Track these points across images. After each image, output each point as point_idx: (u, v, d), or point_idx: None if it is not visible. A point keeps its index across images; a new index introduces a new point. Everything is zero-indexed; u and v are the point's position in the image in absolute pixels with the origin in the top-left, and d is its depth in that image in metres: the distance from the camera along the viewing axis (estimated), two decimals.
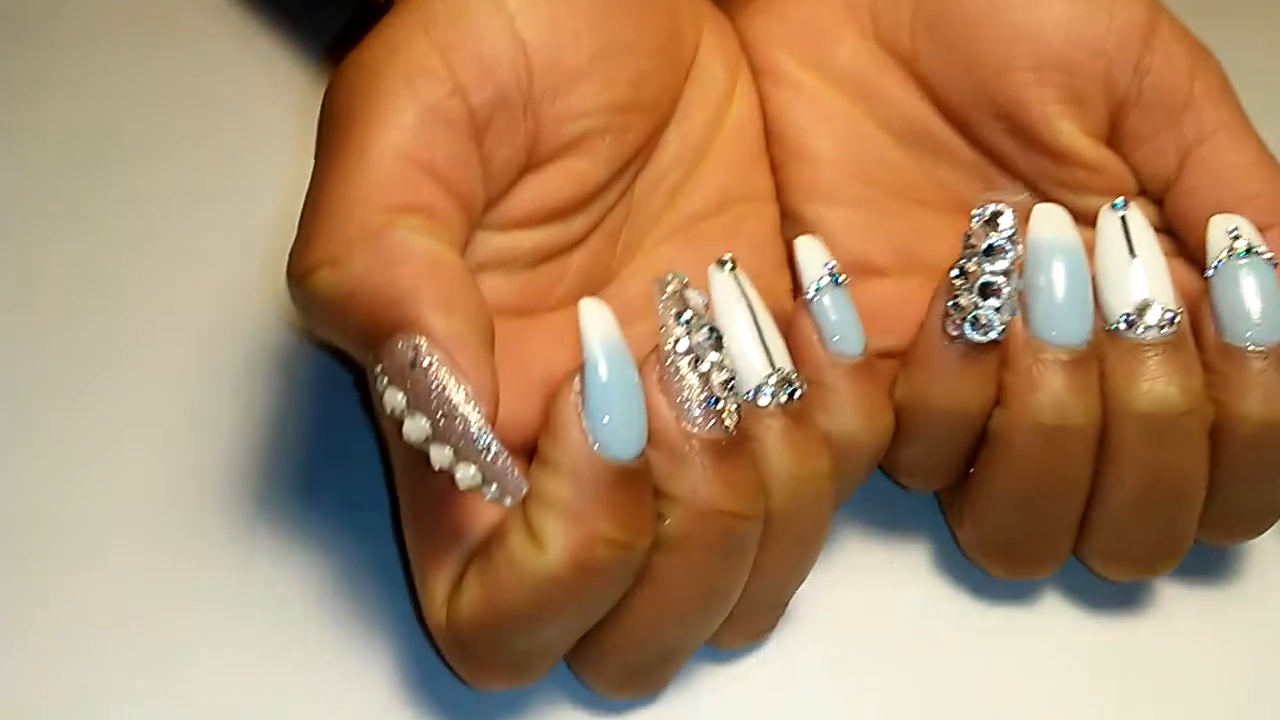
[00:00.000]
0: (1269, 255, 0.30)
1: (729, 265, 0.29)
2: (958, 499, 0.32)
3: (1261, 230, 0.30)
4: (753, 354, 0.28)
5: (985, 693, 0.31)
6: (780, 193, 0.34)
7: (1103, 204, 0.32)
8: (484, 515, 0.27)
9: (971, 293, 0.29)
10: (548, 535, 0.26)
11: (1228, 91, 0.32)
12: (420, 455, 0.28)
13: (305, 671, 0.30)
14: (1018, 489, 0.31)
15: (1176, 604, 0.33)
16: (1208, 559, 0.34)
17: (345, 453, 0.34)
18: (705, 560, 0.27)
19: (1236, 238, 0.30)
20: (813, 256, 0.30)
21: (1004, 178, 0.34)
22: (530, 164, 0.29)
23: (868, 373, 0.30)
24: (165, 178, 0.39)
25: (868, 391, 0.30)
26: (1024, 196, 0.33)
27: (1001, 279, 0.29)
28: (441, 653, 0.29)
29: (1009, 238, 0.29)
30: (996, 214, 0.29)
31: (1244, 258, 0.30)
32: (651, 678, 0.29)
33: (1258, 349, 0.30)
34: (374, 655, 0.31)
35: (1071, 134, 0.32)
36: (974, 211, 0.30)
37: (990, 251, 0.29)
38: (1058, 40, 0.31)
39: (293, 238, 0.27)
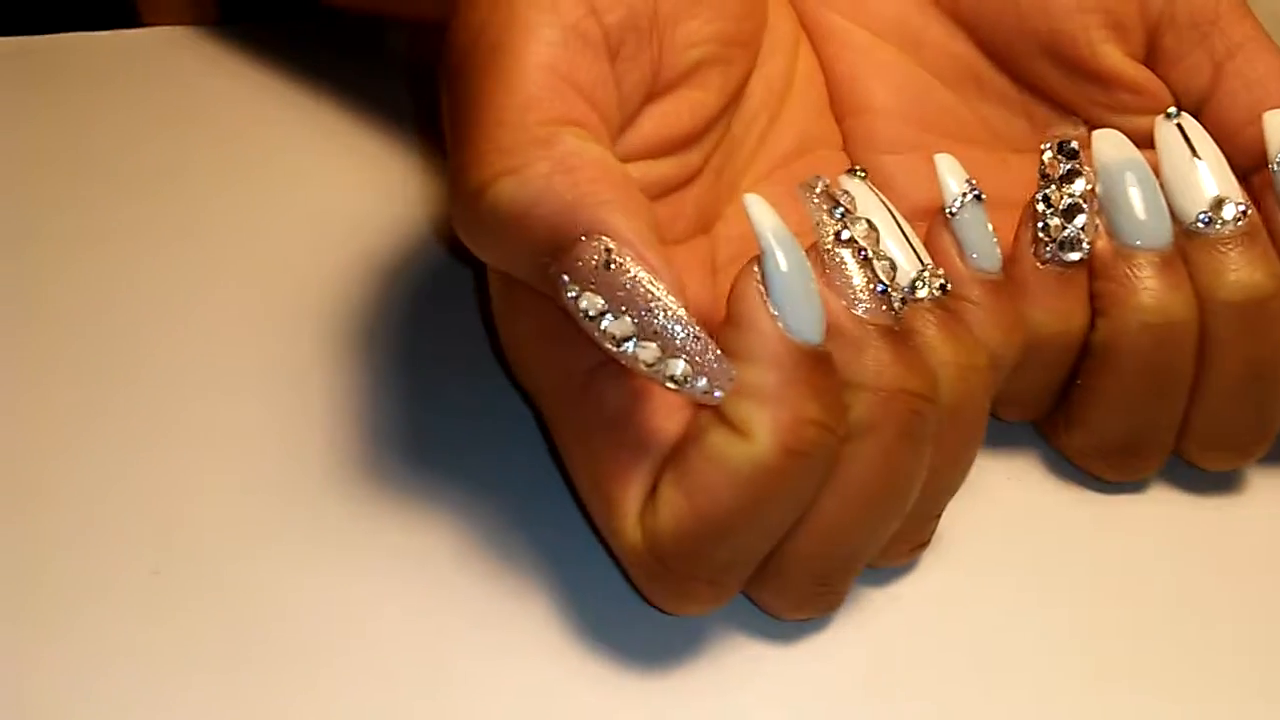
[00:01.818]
0: None
1: (860, 173, 0.30)
2: (1060, 414, 0.33)
3: None
4: (901, 251, 0.29)
5: (1122, 584, 0.32)
6: (845, 144, 0.35)
7: (1146, 123, 0.34)
8: (667, 426, 0.27)
9: (1057, 216, 0.31)
10: (754, 424, 0.25)
11: (1247, 6, 0.34)
12: (591, 374, 0.27)
13: (455, 634, 0.29)
14: (1129, 391, 0.32)
15: (1267, 485, 0.34)
16: None
17: (473, 397, 0.33)
18: (895, 444, 0.27)
19: None
20: (952, 173, 0.31)
21: (1048, 111, 0.35)
22: (654, 91, 0.29)
23: (1003, 289, 0.31)
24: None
25: (1005, 306, 0.30)
26: (1082, 129, 0.35)
27: (1082, 200, 0.31)
28: (635, 578, 0.28)
29: (1080, 162, 0.31)
30: (1064, 143, 0.31)
31: None
32: (833, 588, 0.29)
33: None
34: (528, 608, 0.29)
35: (1115, 57, 0.34)
36: (1043, 145, 0.32)
37: (1068, 176, 0.31)
38: None
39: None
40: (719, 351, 0.25)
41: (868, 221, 0.28)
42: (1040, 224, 0.31)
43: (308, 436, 0.32)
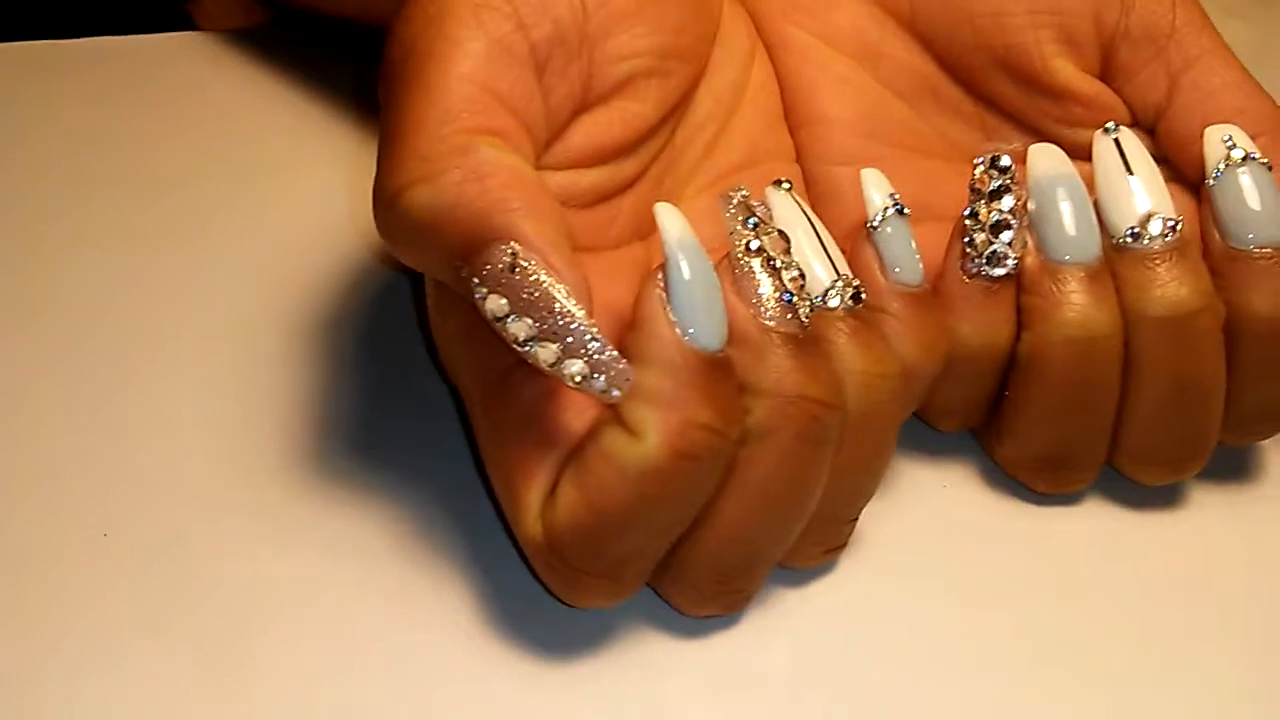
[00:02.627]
0: (1264, 159, 0.32)
1: (785, 185, 0.31)
2: (992, 425, 0.34)
3: (1251, 139, 0.33)
4: (817, 261, 0.30)
5: (1051, 594, 0.32)
6: (798, 156, 0.36)
7: None
8: (573, 424, 0.28)
9: (985, 231, 0.31)
10: (645, 425, 0.26)
11: (1206, 20, 0.35)
12: (506, 372, 0.28)
13: (382, 615, 0.30)
14: (1054, 404, 0.32)
15: (1207, 501, 0.35)
16: (1229, 460, 0.35)
17: (412, 396, 0.34)
18: (792, 448, 0.28)
19: (1232, 146, 0.32)
20: (877, 187, 0.31)
21: (1003, 124, 0.36)
22: (584, 103, 0.30)
23: (925, 301, 0.31)
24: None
25: (925, 319, 0.31)
26: (1016, 145, 0.36)
27: (1010, 215, 0.31)
28: (536, 570, 0.29)
29: (1011, 178, 0.32)
30: (996, 159, 0.32)
31: (1242, 163, 0.32)
32: (737, 587, 0.30)
33: (1262, 249, 0.32)
34: (450, 595, 0.31)
35: (1068, 72, 0.34)
36: (976, 160, 0.32)
37: (997, 193, 0.32)
38: None
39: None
40: (616, 353, 0.26)
41: (779, 232, 0.29)
42: (967, 239, 0.32)
43: (260, 426, 0.34)
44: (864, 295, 0.30)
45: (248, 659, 0.29)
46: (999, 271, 0.31)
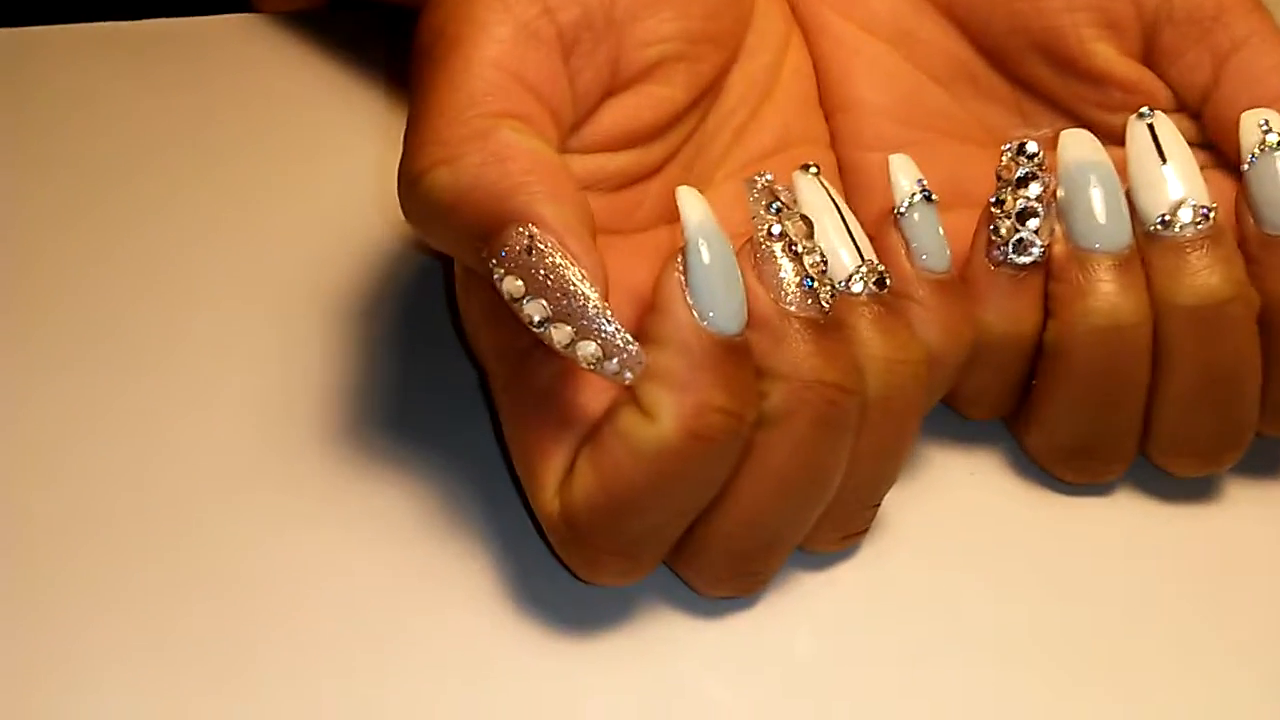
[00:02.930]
0: None
1: (814, 169, 0.31)
2: (1022, 413, 0.34)
3: None
4: (842, 246, 0.30)
5: (1076, 587, 0.32)
6: (832, 141, 0.36)
7: None
8: (591, 404, 0.28)
9: (1010, 219, 0.31)
10: (660, 407, 0.27)
11: (1256, 1, 0.34)
12: (526, 352, 0.29)
13: (410, 592, 0.31)
14: (1080, 394, 0.32)
15: (1243, 497, 0.34)
16: (1268, 454, 0.35)
17: (441, 377, 0.35)
18: (808, 433, 0.28)
19: (1268, 130, 0.31)
20: (905, 173, 0.31)
21: (1041, 109, 0.36)
22: (613, 87, 0.31)
23: (952, 289, 0.31)
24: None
25: (951, 306, 0.31)
26: (1046, 130, 0.35)
27: (1036, 203, 0.31)
28: (554, 548, 0.29)
29: (1038, 165, 0.31)
30: (1023, 145, 0.31)
31: (1278, 148, 0.31)
32: (754, 569, 0.30)
33: None
34: (478, 571, 0.31)
35: (1108, 56, 0.34)
36: (1003, 147, 0.32)
37: (1023, 180, 0.31)
38: None
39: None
40: (629, 336, 0.26)
41: (802, 217, 0.29)
42: (992, 226, 0.31)
43: (294, 402, 0.35)
44: (889, 281, 0.30)
45: (278, 630, 0.30)
46: (1025, 259, 0.31)
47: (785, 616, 0.31)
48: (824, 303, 0.28)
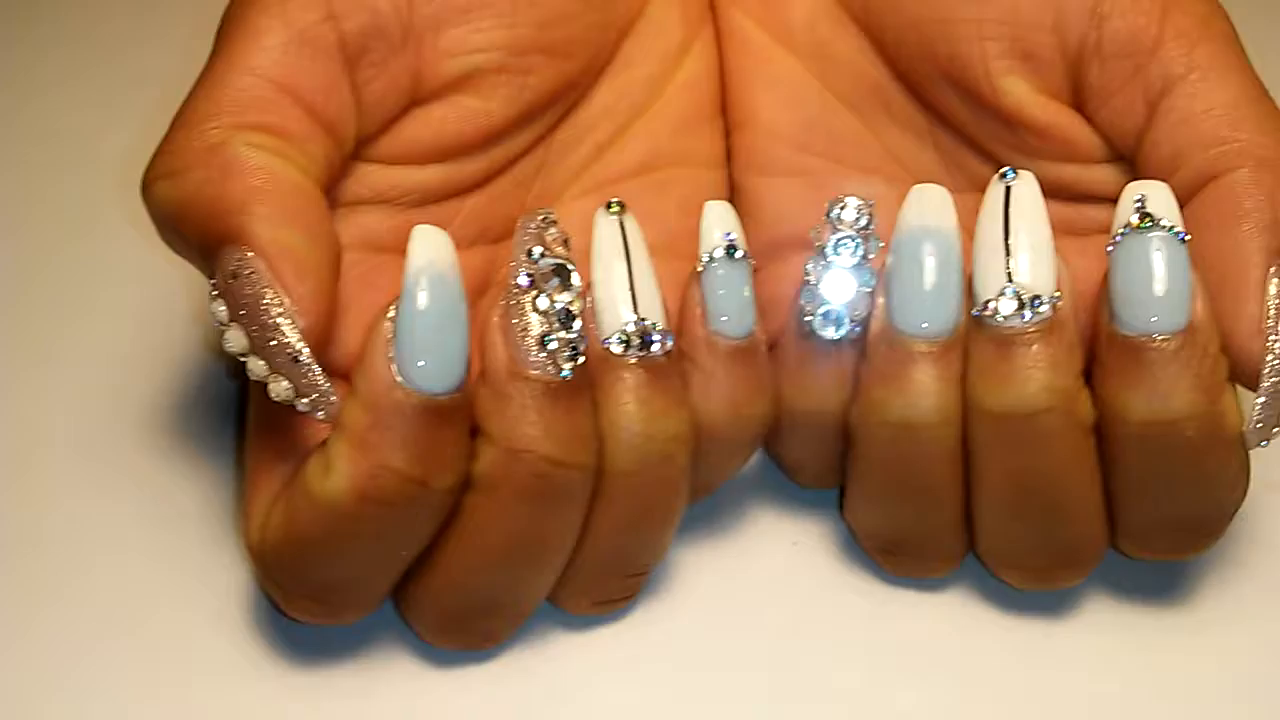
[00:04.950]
0: (1173, 228, 0.26)
1: (614, 208, 0.28)
2: (843, 493, 0.31)
3: (1217, 175, 0.27)
4: (616, 300, 0.27)
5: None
6: (729, 160, 0.33)
7: (1068, 172, 0.29)
8: (315, 439, 0.27)
9: (820, 288, 0.28)
10: (338, 462, 0.25)
11: (1212, 26, 0.28)
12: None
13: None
14: (878, 488, 0.29)
15: (1090, 612, 0.30)
16: (1154, 576, 0.31)
17: None
18: (514, 505, 0.26)
19: (1140, 207, 0.26)
20: (713, 225, 0.28)
21: (956, 144, 0.31)
22: (417, 97, 0.29)
23: (747, 358, 0.28)
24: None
25: (741, 377, 0.28)
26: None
27: (848, 273, 0.28)
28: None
29: (861, 229, 0.28)
30: (841, 206, 0.28)
31: (1142, 231, 0.26)
32: (476, 628, 0.28)
33: (1144, 337, 0.26)
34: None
35: (1020, 93, 0.29)
36: (828, 203, 0.28)
37: (837, 246, 0.28)
38: None
39: None
40: (321, 376, 0.25)
41: (557, 268, 0.26)
42: (805, 293, 0.28)
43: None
44: (664, 343, 0.27)
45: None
46: (833, 333, 0.28)
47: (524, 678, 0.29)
48: (562, 365, 0.26)
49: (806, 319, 0.28)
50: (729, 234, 0.28)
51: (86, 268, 0.37)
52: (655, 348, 0.27)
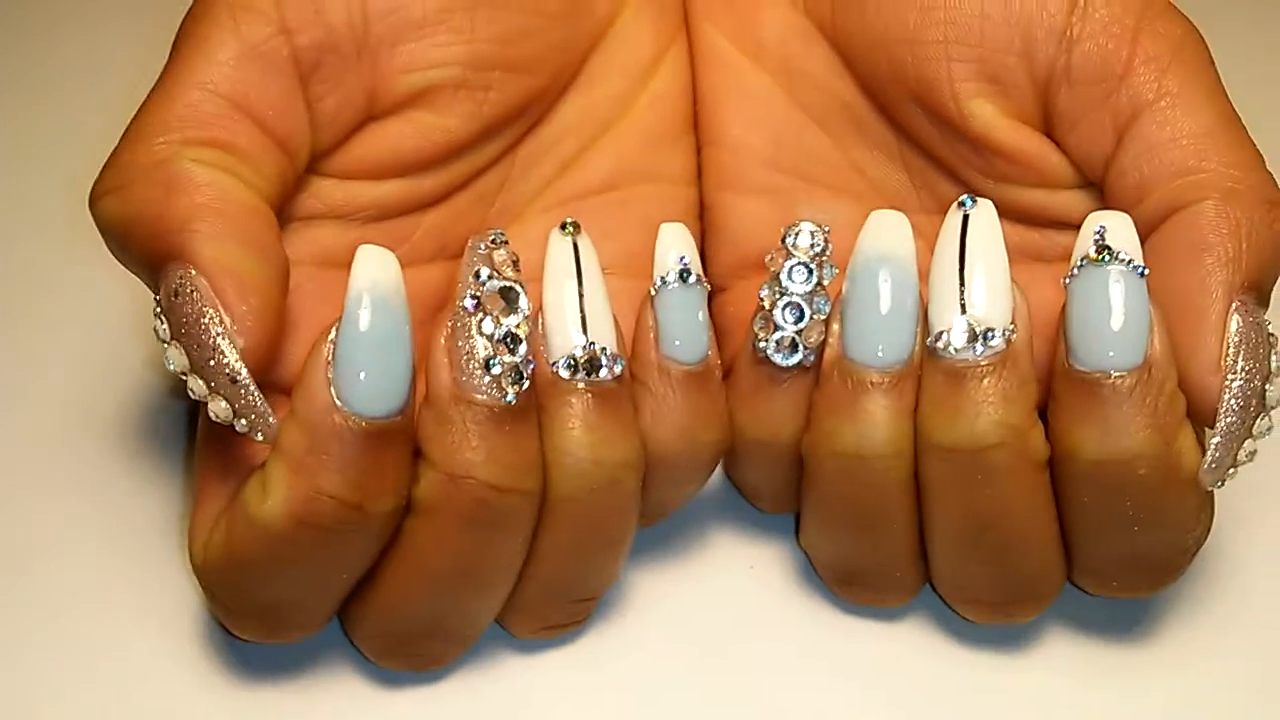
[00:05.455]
0: (1132, 261, 0.25)
1: (568, 228, 0.28)
2: (799, 520, 0.30)
3: (1182, 206, 0.26)
4: (566, 323, 0.27)
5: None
6: (700, 177, 0.32)
7: (1037, 198, 0.29)
8: (256, 459, 0.27)
9: (774, 314, 0.27)
10: (274, 484, 0.25)
11: (1185, 51, 0.27)
12: None
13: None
14: (831, 518, 0.28)
15: (1048, 644, 0.30)
16: (1114, 608, 0.30)
17: None
18: (455, 530, 0.26)
19: (1099, 239, 0.26)
20: (667, 247, 0.27)
21: (926, 166, 0.31)
22: (373, 112, 0.28)
23: (700, 383, 0.27)
24: None
25: (693, 403, 0.27)
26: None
27: (805, 299, 0.27)
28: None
29: (815, 255, 0.27)
30: (797, 230, 0.27)
31: (1100, 264, 0.25)
32: (421, 650, 0.28)
33: (1099, 373, 0.25)
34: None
35: (988, 117, 0.29)
36: (784, 229, 0.27)
37: (792, 272, 0.27)
38: (969, 6, 0.28)
39: None
40: (259, 397, 0.25)
41: (503, 290, 0.26)
42: (757, 320, 0.28)
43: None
44: (611, 373, 0.26)
45: None
46: (788, 360, 0.27)
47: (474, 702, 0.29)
48: (506, 389, 0.26)
49: (760, 345, 0.27)
50: (683, 257, 0.27)
51: (38, 280, 0.36)
52: (604, 373, 0.27)
